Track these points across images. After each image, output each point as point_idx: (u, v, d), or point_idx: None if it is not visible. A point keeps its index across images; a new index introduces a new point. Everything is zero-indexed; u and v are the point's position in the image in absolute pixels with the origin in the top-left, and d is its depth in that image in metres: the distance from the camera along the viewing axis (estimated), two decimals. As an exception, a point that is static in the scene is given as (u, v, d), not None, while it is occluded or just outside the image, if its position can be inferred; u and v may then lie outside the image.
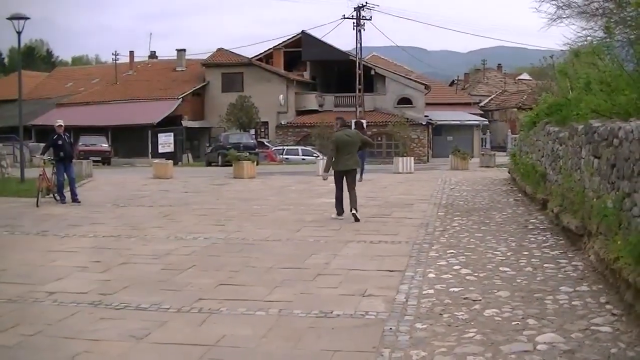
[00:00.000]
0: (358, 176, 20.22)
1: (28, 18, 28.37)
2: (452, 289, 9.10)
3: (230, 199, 21.75)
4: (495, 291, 8.87)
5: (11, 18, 28.39)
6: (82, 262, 11.95)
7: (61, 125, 21.52)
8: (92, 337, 7.65)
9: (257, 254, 12.25)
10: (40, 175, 20.95)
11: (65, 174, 21.14)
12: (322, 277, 10.24)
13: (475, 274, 9.90)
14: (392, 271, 10.47)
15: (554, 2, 18.20)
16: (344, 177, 16.71)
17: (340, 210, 16.77)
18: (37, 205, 19.93)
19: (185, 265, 11.34)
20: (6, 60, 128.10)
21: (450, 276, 9.87)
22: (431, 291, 9.07)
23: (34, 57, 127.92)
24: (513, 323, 7.50)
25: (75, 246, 13.57)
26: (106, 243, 13.91)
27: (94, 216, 18.10)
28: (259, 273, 10.66)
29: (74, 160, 22.70)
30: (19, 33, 28.30)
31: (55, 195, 21.13)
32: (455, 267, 10.43)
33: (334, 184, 16.92)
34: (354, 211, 16.14)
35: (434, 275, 9.97)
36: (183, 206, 20.03)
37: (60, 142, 21.04)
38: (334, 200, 17.00)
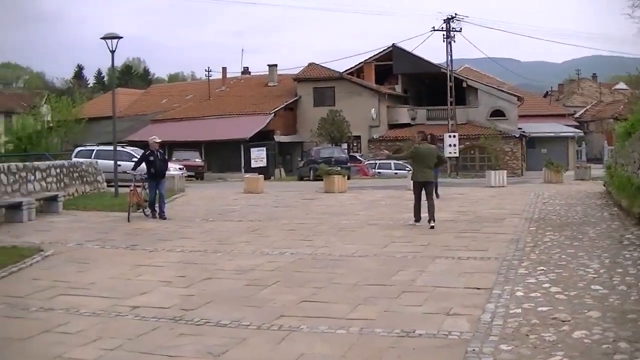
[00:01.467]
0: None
1: (121, 37, 28.86)
2: (540, 308, 8.76)
3: (319, 214, 21.62)
4: (586, 311, 8.50)
5: (105, 37, 28.91)
6: (167, 276, 12.00)
7: (154, 142, 21.73)
8: (170, 353, 7.61)
9: (342, 270, 12.09)
10: (130, 190, 21.15)
11: (156, 190, 21.16)
12: (406, 295, 10.01)
13: (565, 293, 9.53)
14: (479, 289, 10.18)
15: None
16: (422, 188, 18.18)
17: (417, 217, 18.15)
18: (128, 221, 20.04)
19: (269, 281, 11.25)
20: (106, 79, 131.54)
21: (539, 294, 9.53)
22: (518, 310, 8.75)
23: (132, 75, 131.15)
24: (603, 346, 7.14)
25: (163, 261, 13.65)
26: (193, 258, 13.93)
27: (183, 231, 18.20)
28: (343, 290, 10.50)
29: (166, 176, 22.75)
30: (112, 52, 28.82)
31: (145, 210, 21.31)
32: (545, 285, 10.07)
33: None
34: (432, 222, 17.48)
35: (522, 294, 9.64)
36: (272, 221, 19.99)
37: (152, 158, 21.26)
38: (412, 223, 18.18)
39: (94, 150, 40.79)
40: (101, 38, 28.99)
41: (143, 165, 21.63)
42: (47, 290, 11.05)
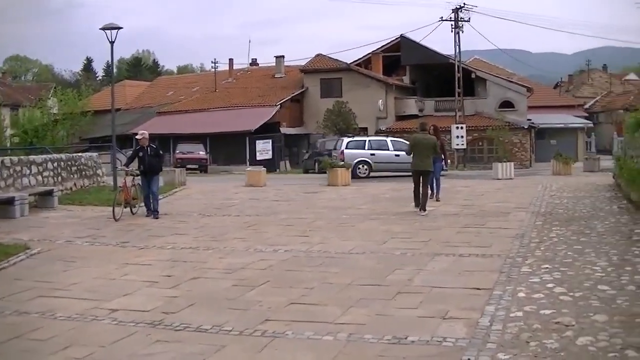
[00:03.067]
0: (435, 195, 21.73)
1: (120, 28, 28.30)
2: (543, 311, 8.18)
3: (320, 208, 21.04)
4: (591, 314, 7.91)
5: (104, 28, 28.36)
6: (153, 276, 11.50)
7: (144, 138, 20.28)
8: (141, 364, 7.08)
9: (336, 269, 11.53)
10: (120, 187, 20.34)
11: (149, 187, 20.05)
12: (402, 296, 9.45)
13: (570, 294, 8.94)
14: (479, 289, 9.60)
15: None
16: (420, 176, 18.95)
17: (417, 202, 19.03)
18: (115, 219, 18.85)
19: (258, 281, 10.71)
20: (115, 71, 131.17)
21: (543, 295, 8.94)
22: (519, 313, 8.18)
23: (141, 67, 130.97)
24: (610, 354, 6.57)
25: (151, 259, 13.15)
26: (183, 255, 13.42)
27: (178, 226, 17.68)
28: (335, 290, 9.95)
29: (163, 172, 21.85)
30: (111, 43, 28.27)
31: (133, 209, 20.15)
32: (549, 285, 9.48)
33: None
34: (423, 212, 18.52)
35: (524, 295, 9.06)
36: (270, 216, 19.44)
37: (141, 154, 20.06)
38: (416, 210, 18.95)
39: (366, 140, 40.13)
40: (100, 29, 28.43)
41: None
42: (26, 292, 10.56)
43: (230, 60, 77.41)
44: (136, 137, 20.70)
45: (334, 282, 10.47)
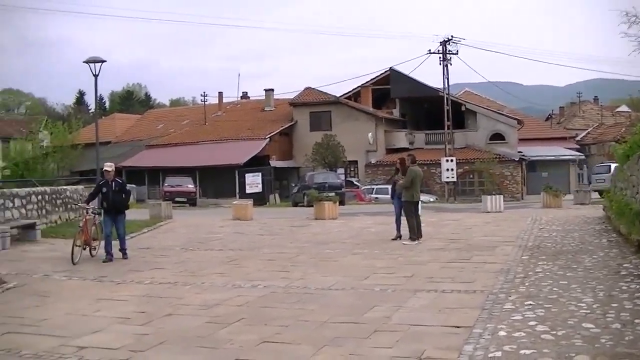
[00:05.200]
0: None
1: (104, 61, 28.18)
2: (523, 352, 7.82)
3: (304, 242, 20.72)
4: (573, 355, 7.55)
5: (88, 61, 28.20)
6: (126, 312, 11.13)
7: (108, 170, 18.13)
8: (99, 408, 6.72)
9: (314, 306, 11.17)
10: (79, 227, 17.99)
11: (115, 227, 17.99)
12: (378, 335, 9.09)
13: (553, 332, 8.58)
14: (458, 327, 9.24)
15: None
16: (415, 207, 19.71)
17: (414, 236, 19.43)
18: (74, 263, 16.77)
19: (232, 319, 10.34)
20: (107, 104, 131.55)
21: (524, 334, 8.58)
22: (498, 354, 7.81)
23: (133, 101, 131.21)
24: (590, 398, 6.24)
25: (127, 294, 12.80)
26: (159, 291, 13.07)
27: (158, 260, 17.38)
28: (310, 328, 9.59)
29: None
30: (95, 76, 28.10)
31: (92, 251, 18.04)
32: (531, 323, 9.11)
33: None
34: (420, 240, 19.46)
35: (505, 333, 8.69)
36: (253, 250, 19.11)
37: (105, 189, 17.94)
38: (410, 242, 19.23)
39: (610, 165, 44.62)
40: (84, 62, 28.31)
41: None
42: (-5, 328, 10.17)
43: (220, 93, 77.71)
44: (104, 169, 18.47)
45: (309, 320, 10.12)
